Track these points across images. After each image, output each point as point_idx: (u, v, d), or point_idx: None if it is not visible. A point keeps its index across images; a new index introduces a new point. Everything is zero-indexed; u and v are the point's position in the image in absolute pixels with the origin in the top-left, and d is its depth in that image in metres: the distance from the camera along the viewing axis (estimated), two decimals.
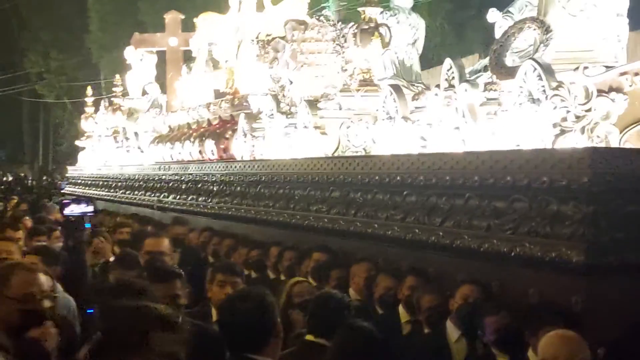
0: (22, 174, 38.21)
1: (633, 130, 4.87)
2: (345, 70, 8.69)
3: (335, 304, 4.39)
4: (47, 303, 3.34)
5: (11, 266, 3.51)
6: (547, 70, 5.02)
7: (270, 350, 3.27)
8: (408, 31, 9.12)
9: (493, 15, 6.67)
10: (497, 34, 6.60)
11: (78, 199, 4.82)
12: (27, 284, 3.33)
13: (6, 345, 3.15)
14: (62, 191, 23.45)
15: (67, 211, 4.88)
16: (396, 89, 6.79)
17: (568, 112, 4.77)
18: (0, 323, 3.22)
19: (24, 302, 3.28)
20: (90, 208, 4.74)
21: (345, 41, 9.04)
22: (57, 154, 40.01)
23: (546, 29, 5.76)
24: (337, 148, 7.54)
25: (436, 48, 20.29)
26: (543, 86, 5.00)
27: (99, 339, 2.31)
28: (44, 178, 35.03)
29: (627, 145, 4.83)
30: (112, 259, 6.58)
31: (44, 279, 3.39)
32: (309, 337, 4.27)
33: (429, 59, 16.69)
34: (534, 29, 5.84)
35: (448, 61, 6.02)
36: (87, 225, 5.89)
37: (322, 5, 21.22)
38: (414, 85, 8.84)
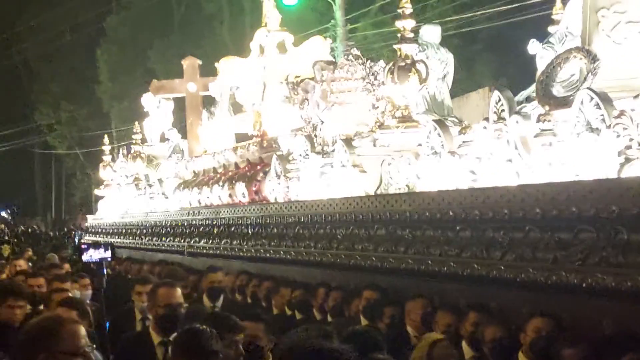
0: (35, 226, 38.21)
1: None
2: (377, 107, 8.74)
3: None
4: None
5: (57, 320, 3.47)
6: (605, 99, 5.02)
7: None
8: (437, 66, 9.15)
9: (534, 46, 6.69)
10: (539, 64, 6.62)
11: (96, 244, 4.74)
12: (76, 337, 3.30)
13: None
14: (78, 241, 23.51)
15: (86, 257, 4.81)
16: (440, 124, 6.79)
17: (632, 140, 4.76)
18: None
19: (74, 355, 3.26)
20: (109, 253, 4.68)
21: (376, 79, 9.10)
22: (70, 205, 40.12)
23: (593, 58, 5.79)
24: (379, 186, 7.51)
25: None
26: (602, 115, 4.99)
27: None
28: (58, 229, 35.04)
29: None
30: None
31: (84, 332, 3.39)
32: None
33: None
34: (580, 59, 5.86)
35: (497, 93, 6.02)
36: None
37: (325, 26, 21.49)
38: (447, 119, 8.86)
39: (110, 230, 17.40)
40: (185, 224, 12.28)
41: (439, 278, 6.15)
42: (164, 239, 13.32)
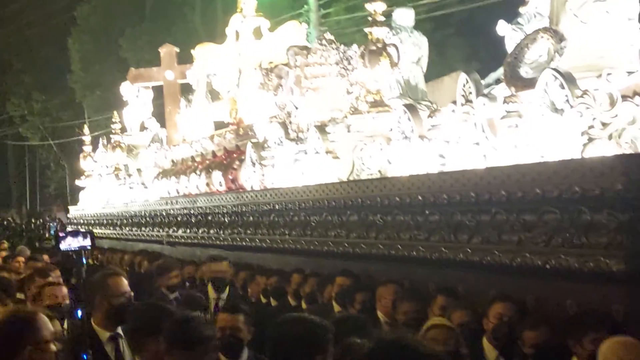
0: (10, 218, 37.71)
1: None
2: (351, 92, 8.67)
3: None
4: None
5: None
6: (569, 79, 4.99)
7: None
8: (411, 50, 9.11)
9: (502, 27, 6.64)
10: (508, 46, 6.57)
11: (75, 232, 4.46)
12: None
13: None
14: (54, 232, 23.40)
15: (64, 245, 4.46)
16: (410, 108, 6.75)
17: (594, 119, 4.73)
18: None
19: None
20: (88, 241, 4.38)
21: (350, 63, 9.05)
22: (45, 196, 39.77)
23: (560, 38, 5.74)
24: (352, 171, 7.48)
25: None
26: (566, 95, 4.96)
27: None
28: (33, 221, 34.68)
29: None
30: None
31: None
32: None
33: None
34: (548, 39, 5.82)
35: (463, 76, 5.98)
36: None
37: (299, 11, 21.35)
38: (421, 103, 8.82)
39: (92, 221, 17.32)
40: (164, 214, 12.23)
41: (408, 263, 6.12)
42: (143, 228, 13.27)
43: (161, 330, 3.88)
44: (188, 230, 10.96)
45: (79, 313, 4.78)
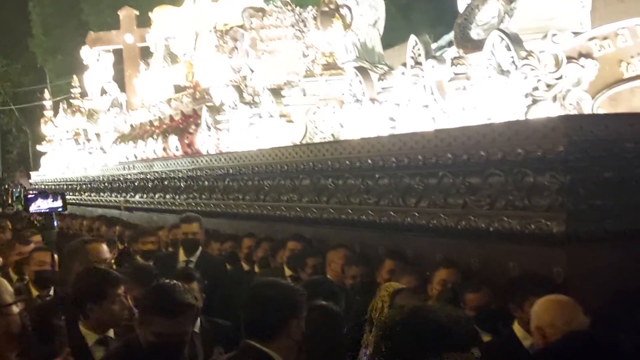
0: None
1: (604, 96, 4.79)
2: (307, 55, 8.56)
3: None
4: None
5: None
6: (515, 41, 4.92)
7: (280, 346, 3.18)
8: (368, 12, 8.96)
9: None
10: (461, 7, 6.47)
11: (44, 193, 4.25)
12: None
13: None
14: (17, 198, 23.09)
15: (34, 207, 4.28)
16: (362, 70, 6.66)
17: (539, 81, 4.68)
18: None
19: None
20: (59, 203, 4.17)
21: (305, 26, 8.91)
22: (7, 162, 39.06)
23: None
24: (305, 135, 7.39)
25: (384, 31, 20.22)
26: (512, 57, 4.90)
27: None
28: None
29: (600, 111, 4.75)
30: None
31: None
32: None
33: None
34: (498, 0, 5.74)
35: (413, 38, 5.90)
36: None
37: None
38: (377, 66, 8.72)
39: (53, 187, 17.10)
40: (122, 179, 12.09)
41: (359, 227, 6.08)
42: (102, 194, 13.11)
43: (105, 296, 3.81)
44: (145, 196, 10.84)
45: None
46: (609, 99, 4.84)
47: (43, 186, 18.58)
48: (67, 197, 15.35)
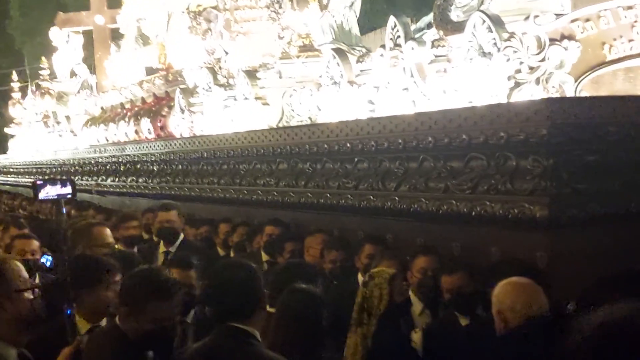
0: None
1: (587, 79, 4.75)
2: (283, 37, 8.44)
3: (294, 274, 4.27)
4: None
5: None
6: (497, 22, 4.86)
7: (256, 321, 3.25)
8: None
9: None
10: None
11: (53, 180, 4.14)
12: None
13: None
14: None
15: (42, 194, 4.15)
16: (339, 52, 6.57)
17: (522, 63, 4.62)
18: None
19: None
20: (68, 189, 4.05)
21: (281, 7, 8.78)
22: None
23: None
24: (281, 118, 7.29)
25: (366, 15, 20.07)
26: (494, 39, 4.84)
27: None
28: None
29: (583, 94, 4.71)
30: None
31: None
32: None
33: (360, 27, 16.48)
34: None
35: (392, 19, 5.81)
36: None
37: None
38: (354, 49, 8.63)
39: (21, 170, 16.83)
40: (93, 162, 11.89)
41: (337, 211, 6.00)
42: (72, 177, 12.87)
43: (94, 281, 3.71)
44: (117, 179, 10.67)
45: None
46: (591, 81, 4.81)
47: (11, 169, 18.29)
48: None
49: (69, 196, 4.00)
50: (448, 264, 4.54)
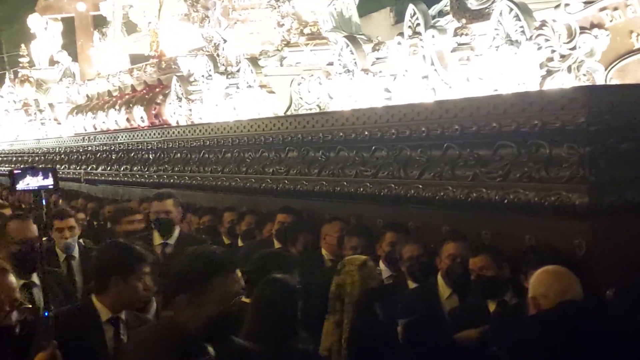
0: None
1: (616, 67, 4.78)
2: (282, 25, 8.38)
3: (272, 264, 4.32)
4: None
5: None
6: (525, 10, 4.87)
7: None
8: None
9: None
10: None
11: (34, 170, 3.91)
12: None
13: None
14: None
15: (21, 185, 3.93)
16: (352, 40, 6.53)
17: (554, 51, 4.63)
18: None
19: None
20: (50, 181, 3.85)
21: None
22: None
23: None
24: (289, 106, 7.24)
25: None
26: (522, 27, 4.84)
27: None
28: None
29: (613, 82, 4.74)
30: None
31: None
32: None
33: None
34: None
35: (411, 7, 5.79)
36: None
37: None
38: (355, 37, 8.61)
39: (0, 159, 16.53)
40: (81, 150, 11.72)
41: (355, 199, 5.98)
42: (58, 166, 12.68)
43: (127, 269, 3.61)
44: (108, 168, 10.53)
45: None
46: (617, 70, 4.84)
47: None
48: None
49: (50, 187, 3.82)
50: (473, 246, 4.56)
